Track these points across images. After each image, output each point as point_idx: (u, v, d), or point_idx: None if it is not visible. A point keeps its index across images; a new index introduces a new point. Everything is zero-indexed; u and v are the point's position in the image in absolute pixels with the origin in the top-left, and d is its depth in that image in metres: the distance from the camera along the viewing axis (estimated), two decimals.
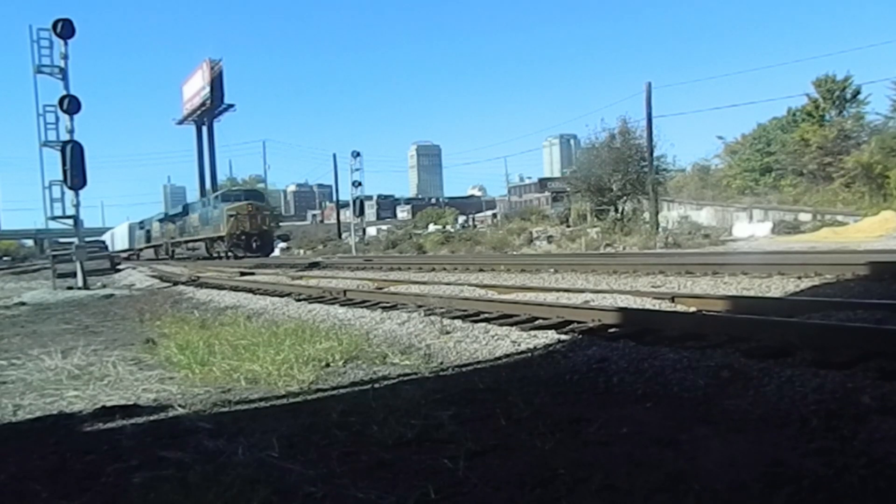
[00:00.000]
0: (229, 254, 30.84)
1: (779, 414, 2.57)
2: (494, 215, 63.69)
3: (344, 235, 48.46)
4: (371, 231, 57.01)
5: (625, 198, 31.89)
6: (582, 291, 6.85)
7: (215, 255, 33.11)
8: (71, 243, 16.38)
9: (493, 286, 8.52)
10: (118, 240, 58.89)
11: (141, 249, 49.58)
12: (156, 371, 4.37)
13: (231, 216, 30.86)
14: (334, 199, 60.57)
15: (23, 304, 11.40)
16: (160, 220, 45.11)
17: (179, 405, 3.38)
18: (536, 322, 5.11)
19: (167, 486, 2.17)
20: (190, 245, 36.82)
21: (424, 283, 9.53)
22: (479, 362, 4.10)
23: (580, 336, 4.33)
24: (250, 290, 10.71)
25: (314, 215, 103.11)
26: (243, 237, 30.81)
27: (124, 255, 55.46)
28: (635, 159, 30.40)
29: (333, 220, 59.14)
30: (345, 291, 8.46)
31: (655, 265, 9.39)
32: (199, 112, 58.52)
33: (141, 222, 52.47)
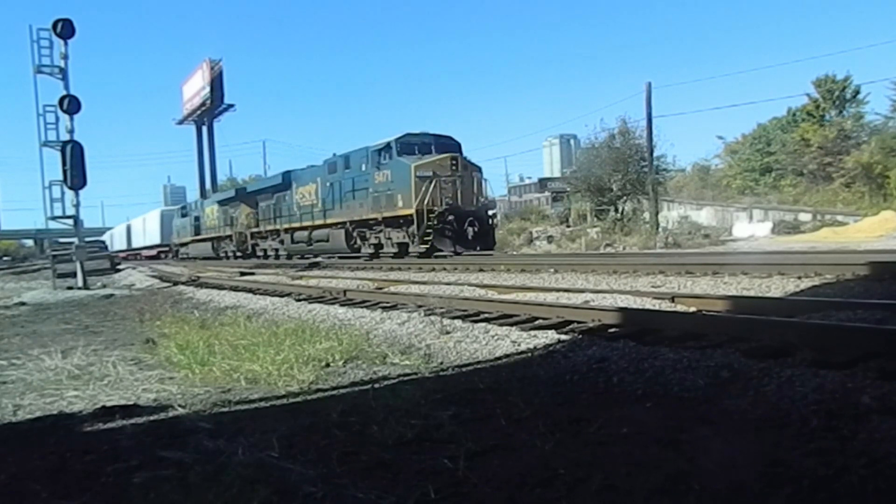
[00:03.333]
0: (421, 248, 16.47)
1: (779, 414, 2.57)
2: (494, 215, 63.40)
3: None
4: None
5: (625, 198, 31.93)
6: (582, 291, 6.84)
7: (375, 251, 18.80)
8: (71, 243, 16.39)
9: (493, 286, 8.51)
10: (138, 234, 48.34)
11: (183, 244, 36.42)
12: (156, 371, 4.37)
13: (424, 179, 16.38)
14: None
15: (23, 304, 11.40)
16: (222, 202, 30.65)
17: (179, 405, 3.38)
18: (536, 322, 5.11)
19: (167, 486, 2.17)
20: (298, 236, 22.47)
21: (424, 283, 9.53)
22: (479, 362, 4.10)
23: (580, 336, 4.33)
24: (250, 290, 10.71)
25: None
26: (450, 218, 16.34)
27: (151, 252, 43.86)
28: (635, 159, 30.43)
29: None
30: (345, 291, 8.46)
31: (655, 265, 9.38)
32: (199, 112, 58.49)
33: (183, 207, 39.09)
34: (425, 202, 16.27)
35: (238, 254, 28.19)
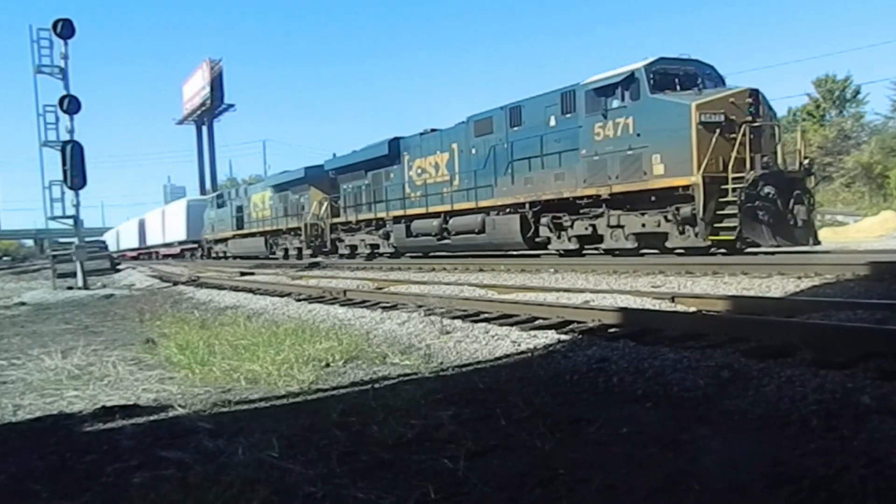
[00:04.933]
0: (710, 239, 10.12)
1: (779, 414, 2.57)
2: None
3: None
4: None
5: None
6: (582, 291, 6.85)
7: (580, 246, 12.50)
8: (71, 243, 16.40)
9: (493, 286, 8.52)
10: (154, 230, 41.78)
11: (220, 241, 29.99)
12: (156, 371, 4.37)
13: (712, 128, 10.00)
14: None
15: (23, 304, 11.41)
16: (280, 186, 23.97)
17: (179, 405, 3.38)
18: (536, 322, 5.12)
19: (167, 486, 2.17)
20: (420, 226, 16.28)
21: (424, 283, 9.53)
22: (479, 362, 4.10)
23: (580, 336, 4.33)
24: (250, 290, 10.72)
25: None
26: (768, 191, 9.96)
27: (172, 250, 38.11)
28: None
29: None
30: (345, 291, 8.47)
31: (655, 265, 9.38)
32: (199, 112, 58.62)
33: (219, 196, 31.42)
34: (729, 165, 9.86)
35: (308, 251, 21.64)
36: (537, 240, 13.27)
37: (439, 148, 15.96)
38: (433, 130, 16.66)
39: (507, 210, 13.76)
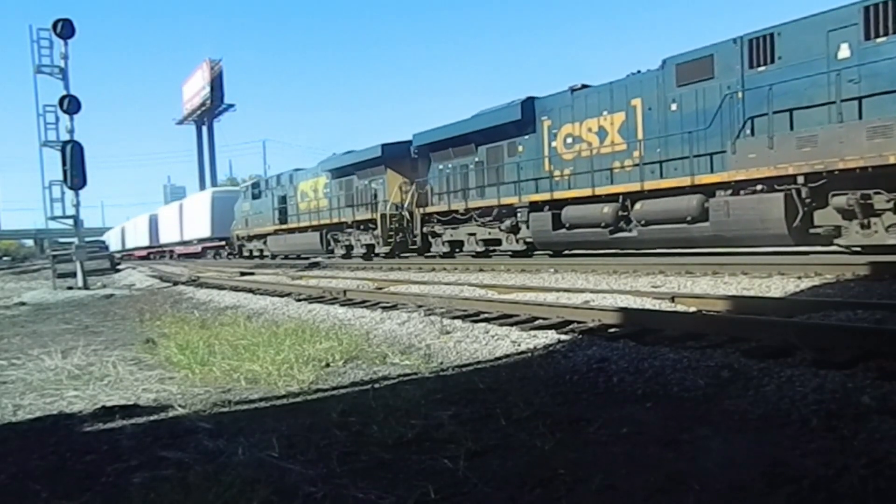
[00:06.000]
0: None
1: (779, 414, 2.57)
2: None
3: None
4: None
5: None
6: (582, 291, 6.85)
7: None
8: (71, 243, 16.41)
9: (493, 286, 8.52)
10: (169, 227, 37.24)
11: (256, 237, 25.82)
12: (156, 371, 4.37)
13: None
14: None
15: (23, 304, 11.42)
16: (339, 171, 19.72)
17: (179, 405, 3.38)
18: (536, 322, 5.12)
19: (167, 486, 2.17)
20: (578, 214, 12.36)
21: (424, 283, 9.53)
22: (479, 362, 4.10)
23: (580, 336, 4.33)
24: (250, 290, 10.72)
25: None
26: None
27: (192, 248, 33.57)
28: None
29: None
30: (345, 291, 8.47)
31: (655, 265, 9.38)
32: (199, 112, 58.70)
33: (255, 185, 26.67)
34: None
35: (384, 248, 17.27)
36: (813, 230, 9.18)
37: (607, 107, 11.78)
38: (584, 86, 12.59)
39: (759, 187, 9.40)
